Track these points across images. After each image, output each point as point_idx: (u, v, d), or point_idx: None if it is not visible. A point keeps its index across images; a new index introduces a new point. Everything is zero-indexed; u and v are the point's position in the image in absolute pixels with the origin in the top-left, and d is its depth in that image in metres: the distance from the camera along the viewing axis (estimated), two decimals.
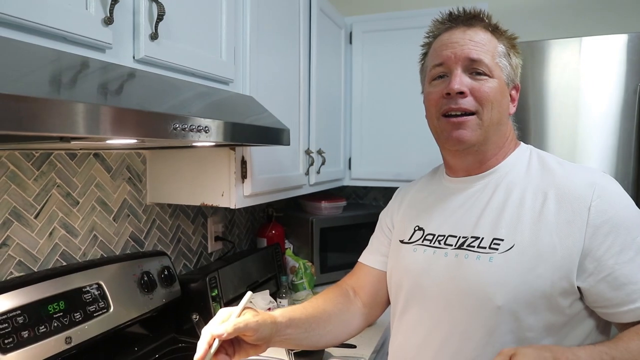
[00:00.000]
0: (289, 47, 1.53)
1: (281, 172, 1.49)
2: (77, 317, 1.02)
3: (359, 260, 1.10)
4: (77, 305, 1.03)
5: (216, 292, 1.41)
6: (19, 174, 1.04)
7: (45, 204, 1.10)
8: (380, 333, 1.51)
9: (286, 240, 2.04)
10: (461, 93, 0.85)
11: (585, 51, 1.56)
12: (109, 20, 0.79)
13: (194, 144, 1.07)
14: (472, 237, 0.86)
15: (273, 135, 1.11)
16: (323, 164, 1.77)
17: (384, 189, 2.36)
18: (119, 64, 0.83)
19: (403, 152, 2.01)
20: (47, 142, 0.83)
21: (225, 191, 1.28)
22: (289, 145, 1.19)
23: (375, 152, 2.08)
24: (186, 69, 1.02)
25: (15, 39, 0.65)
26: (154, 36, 0.90)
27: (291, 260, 1.89)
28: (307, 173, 1.68)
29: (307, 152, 1.67)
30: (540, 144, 1.60)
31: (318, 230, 1.97)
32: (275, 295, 1.70)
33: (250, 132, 1.01)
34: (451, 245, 0.88)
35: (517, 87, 0.93)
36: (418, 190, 1.05)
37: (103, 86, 0.72)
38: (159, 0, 0.88)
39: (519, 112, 1.00)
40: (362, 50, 2.07)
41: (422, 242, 0.94)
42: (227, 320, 0.74)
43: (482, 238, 0.84)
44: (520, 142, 0.96)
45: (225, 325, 0.72)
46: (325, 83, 1.83)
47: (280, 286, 1.74)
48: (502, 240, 0.82)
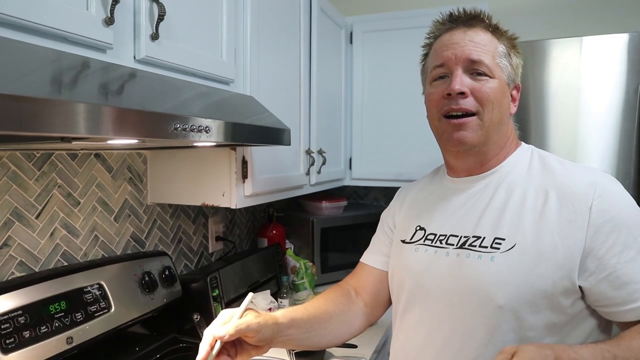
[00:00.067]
0: (290, 47, 1.53)
1: (282, 172, 1.49)
2: (79, 317, 1.02)
3: (361, 260, 1.10)
4: (78, 305, 1.03)
5: (217, 292, 1.41)
6: (20, 174, 1.04)
7: (46, 204, 1.10)
8: (382, 333, 1.51)
9: (287, 240, 2.04)
10: (462, 93, 0.85)
11: (586, 51, 1.56)
12: (109, 21, 0.79)
13: (194, 144, 1.07)
14: (474, 237, 0.86)
15: (274, 135, 1.11)
16: (324, 164, 1.77)
17: (384, 189, 2.35)
18: (120, 64, 0.83)
19: (404, 152, 2.01)
20: (48, 142, 0.83)
21: (226, 191, 1.28)
22: (289, 145, 1.19)
23: (375, 152, 2.08)
24: (187, 69, 1.02)
25: (15, 39, 0.65)
26: (154, 36, 0.90)
27: (292, 260, 1.89)
28: (307, 173, 1.68)
29: (308, 152, 1.67)
30: (541, 143, 1.60)
31: (319, 230, 1.97)
32: (276, 295, 1.70)
33: (251, 132, 1.01)
34: (453, 244, 0.88)
35: (517, 87, 0.93)
36: (419, 190, 1.05)
37: (104, 86, 0.72)
38: (160, 1, 0.88)
39: (520, 112, 1.00)
40: (363, 50, 2.07)
41: (424, 241, 0.94)
42: (228, 322, 0.74)
43: (484, 238, 0.84)
44: (522, 142, 0.96)
45: (227, 326, 0.72)
46: (325, 83, 1.83)
47: (281, 286, 1.74)
48: (504, 239, 0.82)
